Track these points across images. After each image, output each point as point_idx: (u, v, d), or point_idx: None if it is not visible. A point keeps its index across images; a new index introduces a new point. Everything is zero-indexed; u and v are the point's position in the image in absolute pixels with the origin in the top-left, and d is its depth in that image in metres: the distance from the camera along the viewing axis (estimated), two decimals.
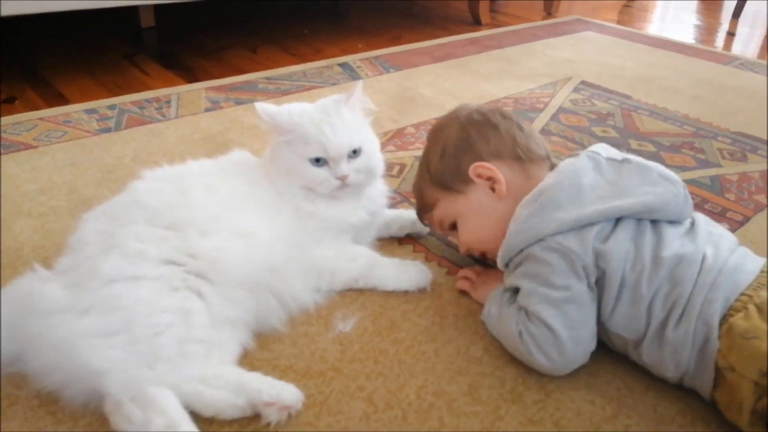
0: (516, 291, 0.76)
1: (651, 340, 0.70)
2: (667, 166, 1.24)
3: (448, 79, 1.73)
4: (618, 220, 0.73)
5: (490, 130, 0.83)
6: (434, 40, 2.11)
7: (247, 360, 0.74)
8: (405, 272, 0.86)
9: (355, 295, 0.86)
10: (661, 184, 0.75)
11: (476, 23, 2.44)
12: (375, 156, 0.90)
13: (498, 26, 2.40)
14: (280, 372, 0.73)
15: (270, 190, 0.83)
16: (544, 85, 1.75)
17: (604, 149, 0.81)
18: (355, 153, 0.86)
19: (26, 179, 1.10)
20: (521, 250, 0.75)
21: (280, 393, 0.67)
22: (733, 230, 1.09)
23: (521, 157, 0.82)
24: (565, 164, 0.78)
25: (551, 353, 0.71)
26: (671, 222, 0.75)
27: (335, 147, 0.83)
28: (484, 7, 2.43)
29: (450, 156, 0.84)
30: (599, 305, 0.73)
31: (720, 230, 0.78)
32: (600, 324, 0.73)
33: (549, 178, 0.77)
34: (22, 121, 1.31)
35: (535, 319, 0.72)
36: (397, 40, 2.15)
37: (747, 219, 1.13)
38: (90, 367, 0.65)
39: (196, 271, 0.72)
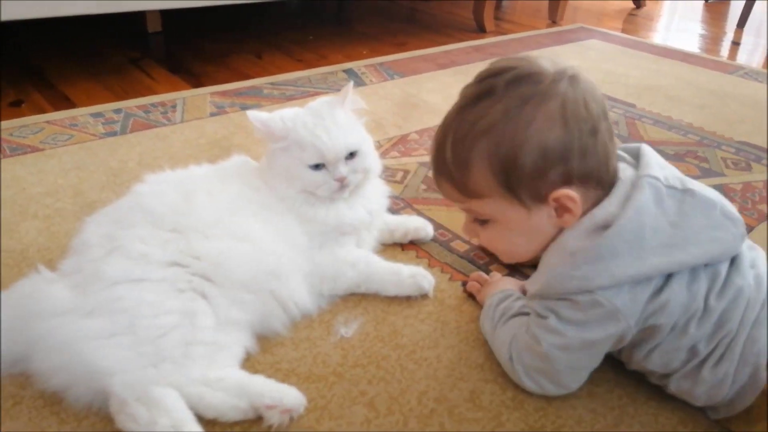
0: (516, 314, 0.76)
1: (684, 375, 0.68)
2: None
3: (452, 86, 1.73)
4: None
5: (590, 139, 0.64)
6: (439, 47, 2.12)
7: (250, 363, 0.74)
8: (402, 281, 0.86)
9: (357, 299, 0.86)
10: (724, 226, 0.66)
11: (481, 30, 2.44)
12: (371, 155, 0.90)
13: (502, 33, 2.41)
14: (282, 375, 0.73)
15: (270, 195, 0.83)
16: None
17: (659, 167, 0.68)
18: (351, 155, 0.86)
19: (32, 182, 1.11)
20: (562, 296, 0.67)
21: (283, 396, 0.67)
22: None
23: (602, 181, 0.67)
24: (631, 201, 0.64)
25: (545, 385, 0.71)
26: None
27: (332, 151, 0.83)
28: (488, 15, 2.44)
29: (538, 157, 0.64)
30: (636, 348, 0.69)
31: (755, 248, 0.72)
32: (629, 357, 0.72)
33: (611, 211, 0.65)
34: (28, 124, 1.32)
35: (540, 355, 0.68)
36: (401, 47, 2.16)
37: (750, 228, 1.13)
38: (95, 368, 0.65)
39: (200, 273, 0.73)
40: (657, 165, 0.68)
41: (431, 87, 1.72)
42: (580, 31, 2.50)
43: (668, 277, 0.65)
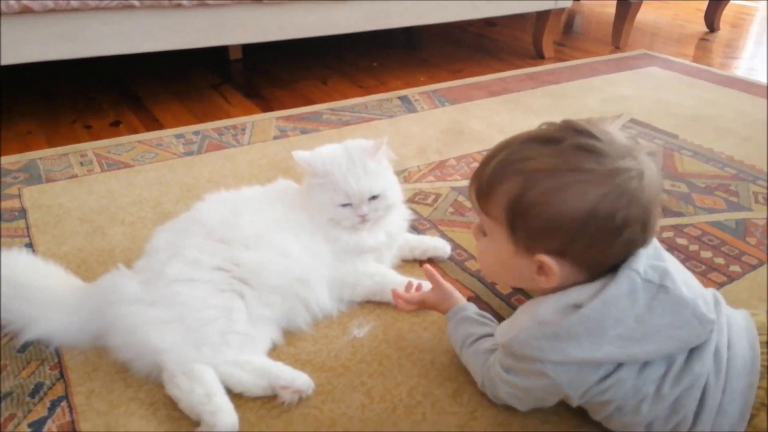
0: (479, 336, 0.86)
1: None
2: (697, 207, 1.33)
3: (498, 114, 1.85)
4: None
5: (605, 237, 0.68)
6: (493, 75, 2.24)
7: (276, 352, 0.91)
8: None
9: (372, 307, 1.02)
10: (690, 325, 0.68)
11: (539, 57, 2.53)
12: (393, 196, 1.05)
13: (562, 60, 2.48)
14: (300, 364, 0.89)
15: (304, 216, 1.00)
16: None
17: (645, 258, 0.70)
18: (374, 197, 1.01)
19: (122, 193, 1.34)
20: (519, 358, 0.74)
21: (295, 379, 0.83)
22: (744, 273, 1.15)
23: (594, 272, 0.71)
24: (603, 292, 0.68)
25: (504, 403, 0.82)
26: None
27: (357, 195, 0.99)
28: (547, 42, 2.52)
29: (548, 222, 0.68)
30: (591, 412, 0.76)
31: (720, 314, 0.73)
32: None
33: (585, 296, 0.69)
34: (123, 143, 1.57)
35: (499, 396, 0.80)
36: (458, 73, 2.29)
37: (761, 264, 1.18)
38: (153, 346, 0.84)
39: (239, 278, 0.91)
40: (645, 255, 0.70)
41: (478, 114, 1.85)
42: (642, 57, 2.53)
43: (619, 365, 0.69)
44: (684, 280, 0.71)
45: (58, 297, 0.93)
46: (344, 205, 1.00)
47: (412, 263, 1.13)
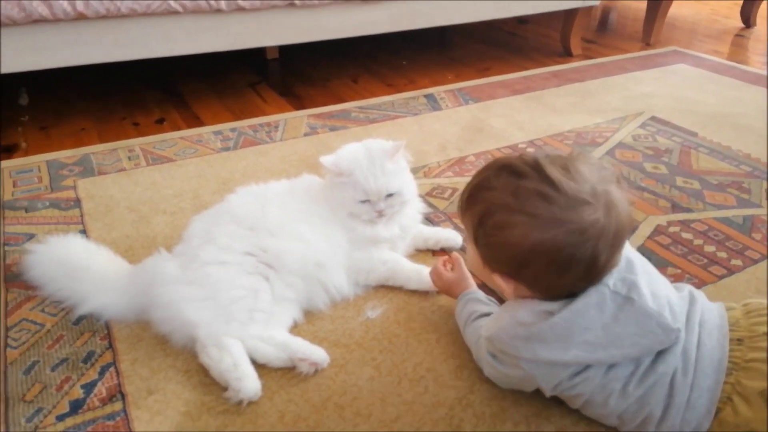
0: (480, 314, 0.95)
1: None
2: (706, 204, 1.38)
3: (519, 112, 1.92)
4: None
5: (552, 276, 0.75)
6: (519, 73, 2.29)
7: (296, 329, 1.02)
8: (422, 279, 1.10)
9: (385, 291, 1.11)
10: (653, 335, 0.74)
11: (567, 55, 2.57)
12: (408, 194, 1.14)
13: (590, 58, 2.52)
14: (318, 341, 0.99)
15: (324, 208, 1.10)
16: (612, 120, 1.88)
17: (617, 271, 0.76)
18: (390, 195, 1.11)
19: (165, 186, 1.46)
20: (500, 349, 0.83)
21: (312, 353, 0.94)
22: (744, 267, 1.20)
23: (554, 295, 0.78)
24: (573, 303, 0.76)
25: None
26: None
27: (375, 193, 1.09)
28: (575, 39, 2.56)
29: (503, 249, 0.76)
30: (567, 400, 0.84)
31: (693, 313, 0.79)
32: None
33: (557, 307, 0.76)
34: (167, 139, 1.70)
35: (483, 366, 0.90)
36: (486, 72, 2.36)
37: (763, 258, 1.22)
38: (188, 321, 0.95)
39: (265, 262, 1.01)
40: (615, 270, 0.76)
41: (500, 112, 1.92)
42: (671, 54, 2.54)
43: (587, 365, 0.77)
44: (653, 291, 0.76)
45: (108, 277, 1.05)
46: (363, 201, 1.10)
47: (425, 253, 1.22)
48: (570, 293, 0.77)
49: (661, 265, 1.20)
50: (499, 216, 0.75)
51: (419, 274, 1.11)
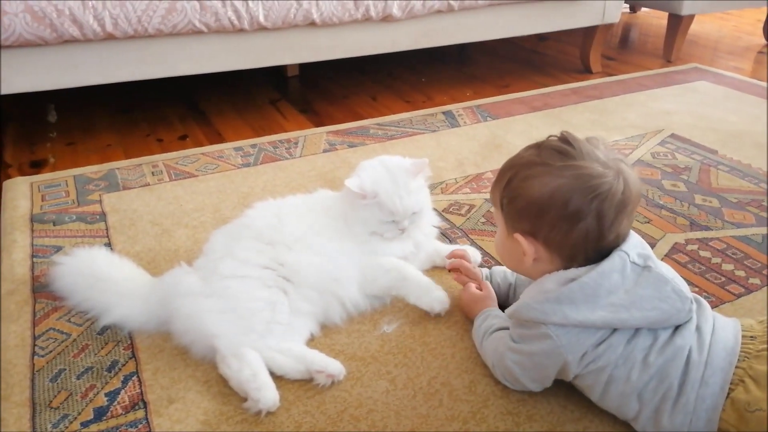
0: (498, 328, 0.97)
1: (646, 421, 0.81)
2: (725, 222, 1.38)
3: (537, 129, 1.93)
4: None
5: (566, 222, 0.81)
6: (537, 90, 2.31)
7: (313, 343, 1.03)
8: (427, 294, 1.08)
9: (401, 305, 1.12)
10: (670, 300, 0.81)
11: (587, 71, 2.58)
12: (427, 210, 1.17)
13: (609, 75, 2.52)
14: (334, 353, 1.01)
15: (339, 222, 1.12)
16: (631, 137, 1.88)
17: (633, 247, 0.84)
18: (413, 213, 1.13)
19: (187, 200, 1.50)
20: (525, 322, 0.86)
21: (328, 365, 0.95)
22: (763, 285, 1.19)
23: (570, 258, 0.84)
24: (599, 265, 0.82)
25: (513, 385, 0.93)
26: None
27: (401, 214, 1.11)
28: (595, 56, 2.57)
29: (524, 205, 0.84)
30: (587, 389, 0.86)
31: (704, 310, 0.85)
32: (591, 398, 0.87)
33: (583, 272, 0.82)
34: (189, 155, 1.74)
35: (506, 366, 0.90)
36: (505, 89, 2.37)
37: None
38: (208, 332, 0.98)
39: (283, 275, 1.04)
40: (632, 245, 0.84)
41: (518, 129, 1.93)
42: (692, 71, 2.54)
43: (612, 332, 0.81)
44: (665, 267, 0.85)
45: (131, 289, 1.08)
46: (387, 222, 1.12)
47: (441, 269, 1.23)
48: (585, 259, 0.83)
49: None
50: (523, 172, 0.84)
51: (427, 292, 1.09)
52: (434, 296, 1.08)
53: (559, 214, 0.81)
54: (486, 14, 2.19)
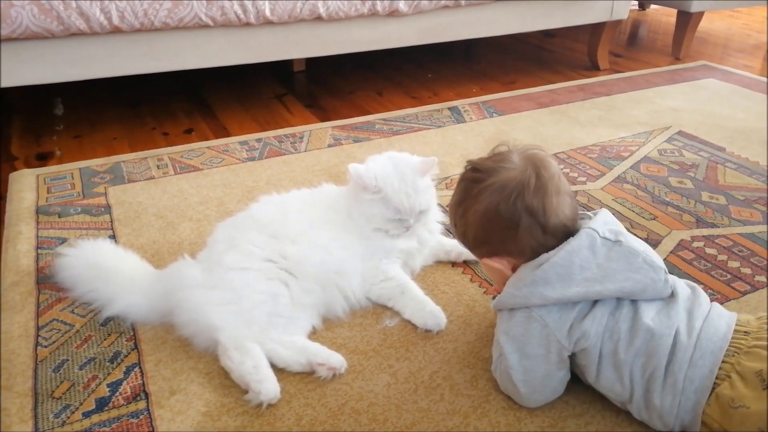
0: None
1: (638, 402, 0.82)
2: (732, 219, 1.36)
3: (543, 125, 1.92)
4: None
5: (509, 232, 0.87)
6: (544, 86, 2.30)
7: (315, 336, 1.03)
8: (422, 311, 1.06)
9: None
10: (643, 270, 0.83)
11: (594, 68, 2.57)
12: (433, 207, 1.17)
13: (617, 72, 2.51)
14: (336, 347, 1.01)
15: (343, 216, 1.12)
16: (638, 134, 1.87)
17: (602, 224, 0.87)
18: (420, 211, 1.12)
19: (192, 194, 1.50)
20: (511, 308, 0.89)
21: (330, 358, 0.95)
22: None
23: (536, 252, 0.87)
24: (567, 244, 0.85)
25: (513, 395, 0.90)
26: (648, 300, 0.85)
27: (408, 213, 1.10)
28: (602, 53, 2.55)
29: (471, 238, 0.93)
30: (584, 369, 0.86)
31: (698, 297, 0.87)
32: (586, 380, 0.88)
33: (552, 254, 0.85)
34: (194, 149, 1.74)
35: (506, 372, 0.88)
36: (512, 85, 2.37)
37: None
38: (211, 324, 0.98)
39: (285, 268, 1.04)
40: (602, 222, 0.88)
41: (524, 125, 1.92)
42: (701, 69, 2.52)
43: (594, 304, 0.84)
44: (637, 241, 0.88)
45: (135, 281, 1.08)
46: (393, 219, 1.11)
47: (445, 264, 1.23)
48: (549, 247, 0.87)
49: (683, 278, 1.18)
50: (458, 210, 0.93)
51: (422, 308, 1.07)
52: (429, 311, 1.06)
53: (500, 227, 0.88)
54: (493, 10, 2.18)
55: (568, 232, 0.88)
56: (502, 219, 0.87)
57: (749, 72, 2.49)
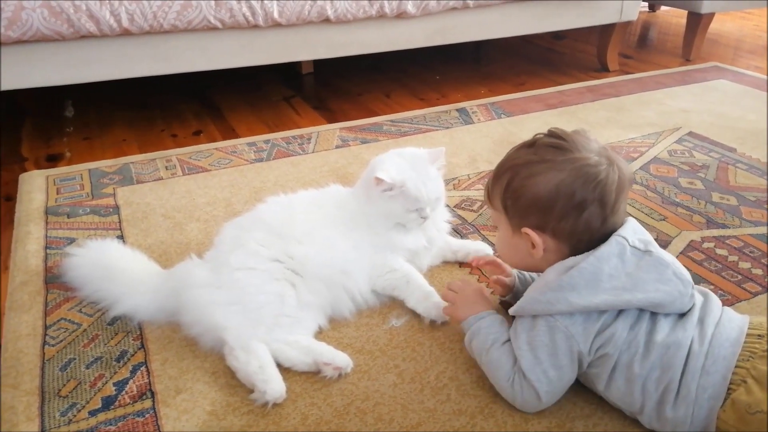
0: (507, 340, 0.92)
1: (650, 413, 0.81)
2: (743, 220, 1.35)
3: (553, 126, 1.90)
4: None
5: (573, 212, 0.84)
6: (553, 88, 2.29)
7: (322, 335, 1.03)
8: (426, 300, 1.06)
9: None
10: (672, 282, 0.82)
11: (604, 70, 2.55)
12: (443, 198, 1.17)
13: (627, 73, 2.49)
14: (342, 347, 1.00)
15: (350, 215, 1.12)
16: (648, 135, 1.85)
17: (632, 232, 0.85)
18: (437, 199, 1.13)
19: (200, 194, 1.50)
20: (533, 316, 0.86)
21: (335, 357, 0.95)
22: None
23: (577, 244, 0.86)
24: (597, 250, 0.83)
25: (529, 406, 0.87)
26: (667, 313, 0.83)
27: (428, 202, 1.11)
28: (612, 55, 2.54)
29: (528, 202, 0.86)
30: (594, 378, 0.85)
31: (709, 303, 0.86)
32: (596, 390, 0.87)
33: (581, 258, 0.84)
34: (203, 150, 1.75)
35: (527, 384, 0.85)
36: (520, 86, 2.36)
37: None
38: (217, 324, 0.98)
39: (292, 268, 1.03)
40: (631, 230, 0.86)
41: (533, 127, 1.91)
42: (711, 70, 2.50)
43: (616, 316, 0.82)
44: (665, 252, 0.86)
45: (142, 281, 1.09)
46: (412, 210, 1.11)
47: (452, 264, 1.23)
48: (589, 245, 0.85)
49: (693, 280, 1.17)
50: (524, 171, 0.87)
51: (426, 297, 1.07)
52: (433, 302, 1.06)
53: (566, 205, 0.84)
54: (501, 11, 2.18)
55: (603, 239, 0.85)
56: (574, 198, 0.83)
57: (761, 73, 2.47)
